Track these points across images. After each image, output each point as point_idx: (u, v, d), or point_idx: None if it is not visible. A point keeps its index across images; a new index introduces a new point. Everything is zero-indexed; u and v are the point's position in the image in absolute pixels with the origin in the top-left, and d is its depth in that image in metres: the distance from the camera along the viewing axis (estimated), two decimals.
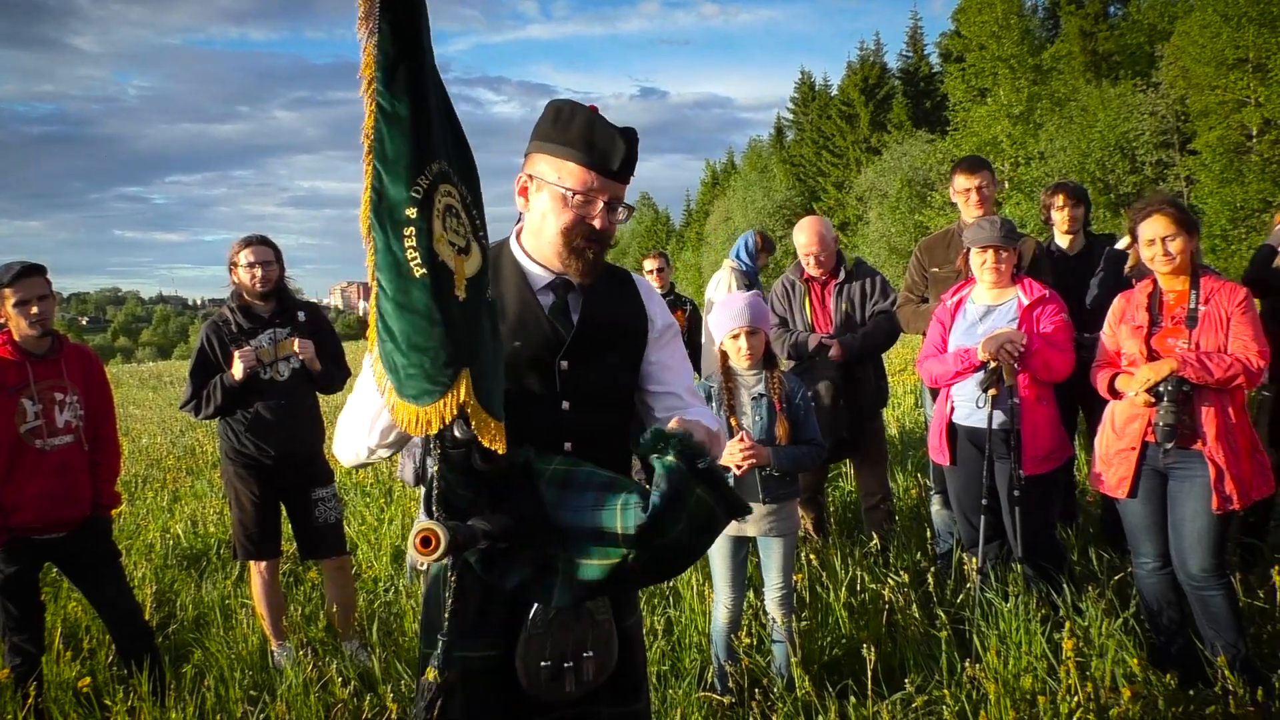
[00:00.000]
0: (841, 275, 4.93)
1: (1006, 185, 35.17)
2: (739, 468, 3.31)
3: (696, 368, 6.18)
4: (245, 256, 4.15)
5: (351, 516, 6.31)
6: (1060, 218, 4.98)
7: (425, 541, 1.36)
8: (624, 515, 1.59)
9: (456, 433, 1.55)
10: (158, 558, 5.85)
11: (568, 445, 1.87)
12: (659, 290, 6.32)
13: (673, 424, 1.72)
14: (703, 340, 5.99)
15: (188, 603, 4.91)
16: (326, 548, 4.34)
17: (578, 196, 1.85)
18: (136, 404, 19.40)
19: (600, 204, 1.86)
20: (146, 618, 4.19)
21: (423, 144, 1.42)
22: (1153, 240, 3.37)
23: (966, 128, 37.49)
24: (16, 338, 3.59)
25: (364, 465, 1.86)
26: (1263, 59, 28.47)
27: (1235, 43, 28.48)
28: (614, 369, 1.98)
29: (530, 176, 1.91)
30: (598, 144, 1.83)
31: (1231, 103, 29.33)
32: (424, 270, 1.40)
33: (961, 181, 4.70)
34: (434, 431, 1.46)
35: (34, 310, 3.54)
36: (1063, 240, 5.00)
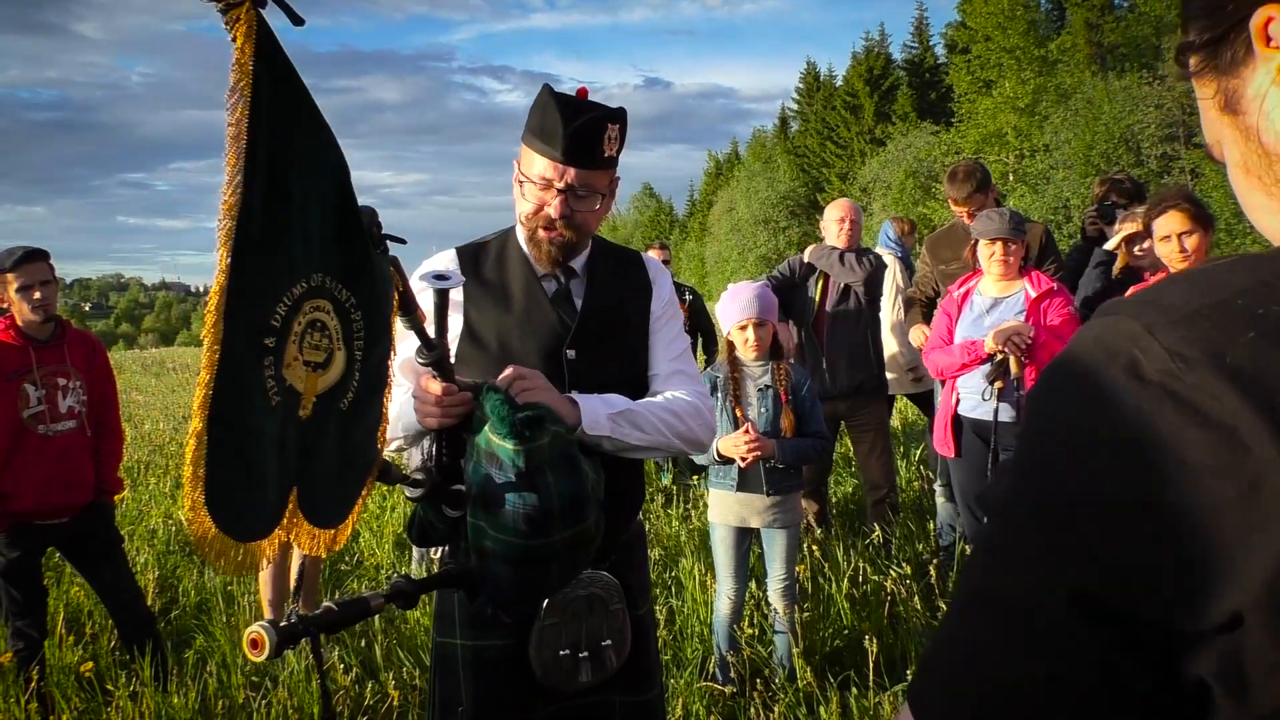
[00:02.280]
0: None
1: (1010, 178, 35.08)
2: (744, 460, 3.30)
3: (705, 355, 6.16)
4: None
5: None
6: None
7: (254, 644, 1.33)
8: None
9: (409, 493, 1.55)
10: (160, 544, 5.85)
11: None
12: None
13: (507, 373, 1.68)
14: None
15: (190, 589, 4.91)
16: None
17: (529, 185, 1.83)
18: (139, 390, 19.38)
19: (554, 190, 1.81)
20: (149, 603, 4.19)
21: (282, 271, 1.34)
22: (1168, 236, 3.35)
23: (971, 119, 37.40)
24: (19, 323, 3.58)
25: None
26: None
27: None
28: (621, 354, 1.96)
29: (517, 164, 1.91)
30: (548, 127, 1.78)
31: None
32: (279, 398, 1.34)
33: (954, 207, 4.70)
34: (257, 570, 1.38)
35: (36, 295, 3.53)
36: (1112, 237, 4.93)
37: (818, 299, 4.95)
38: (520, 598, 1.64)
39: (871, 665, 3.12)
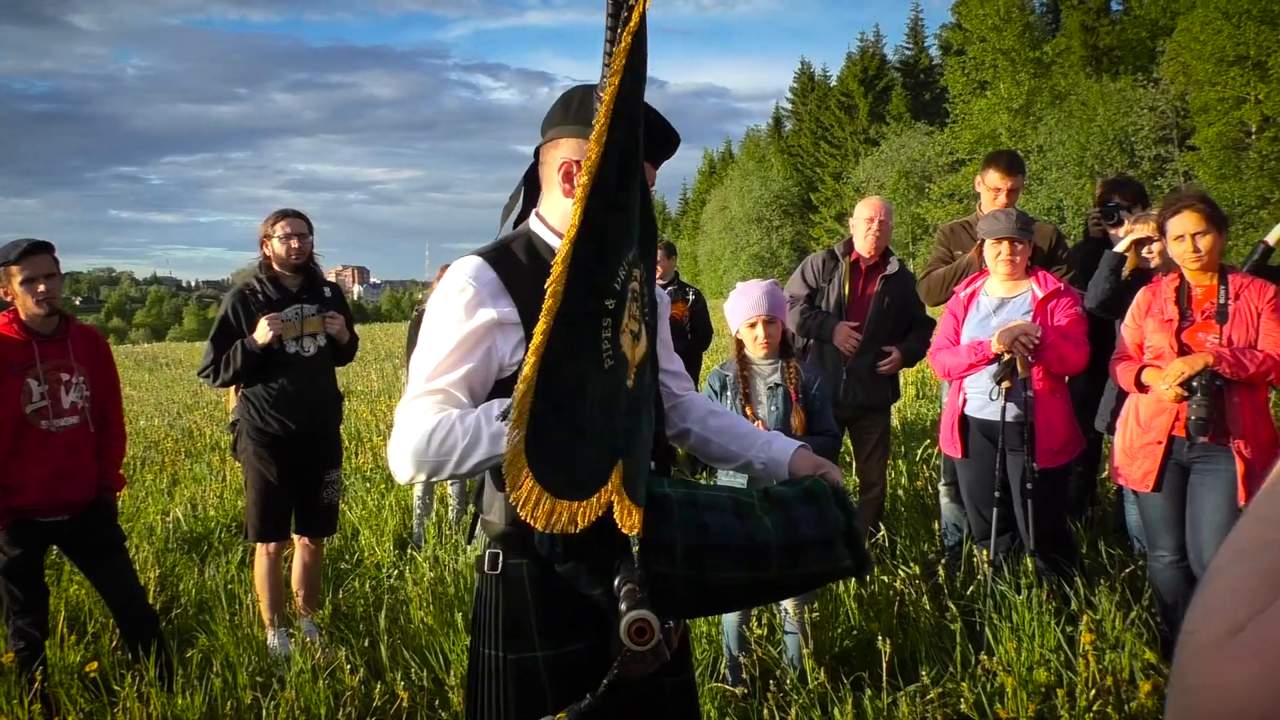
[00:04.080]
0: (894, 268, 4.82)
1: None
2: None
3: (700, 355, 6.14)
4: (282, 228, 4.15)
5: (353, 501, 6.28)
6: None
7: (640, 631, 1.38)
8: (769, 525, 1.60)
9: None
10: (159, 541, 5.80)
11: None
12: (661, 279, 6.27)
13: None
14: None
15: (191, 588, 4.87)
16: (325, 528, 4.42)
17: None
18: (132, 385, 19.28)
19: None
20: (150, 601, 4.15)
21: (624, 235, 1.38)
22: (1181, 236, 3.35)
23: (966, 120, 37.47)
24: (23, 316, 3.53)
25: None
26: (1263, 56, 28.46)
27: (1236, 39, 28.46)
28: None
29: (575, 162, 1.85)
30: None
31: (1231, 99, 29.34)
32: (612, 362, 1.35)
33: (994, 179, 4.60)
34: (582, 527, 1.38)
35: (40, 288, 3.48)
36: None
37: (846, 294, 4.84)
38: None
39: (884, 666, 3.10)
